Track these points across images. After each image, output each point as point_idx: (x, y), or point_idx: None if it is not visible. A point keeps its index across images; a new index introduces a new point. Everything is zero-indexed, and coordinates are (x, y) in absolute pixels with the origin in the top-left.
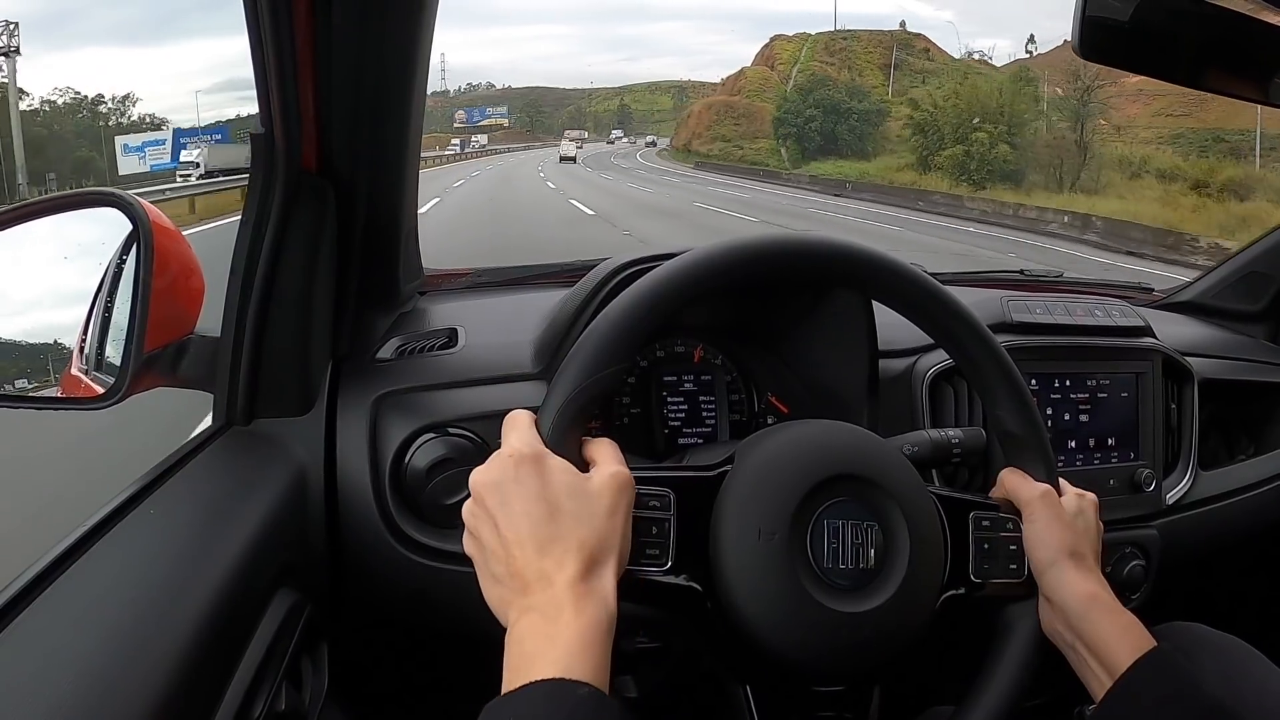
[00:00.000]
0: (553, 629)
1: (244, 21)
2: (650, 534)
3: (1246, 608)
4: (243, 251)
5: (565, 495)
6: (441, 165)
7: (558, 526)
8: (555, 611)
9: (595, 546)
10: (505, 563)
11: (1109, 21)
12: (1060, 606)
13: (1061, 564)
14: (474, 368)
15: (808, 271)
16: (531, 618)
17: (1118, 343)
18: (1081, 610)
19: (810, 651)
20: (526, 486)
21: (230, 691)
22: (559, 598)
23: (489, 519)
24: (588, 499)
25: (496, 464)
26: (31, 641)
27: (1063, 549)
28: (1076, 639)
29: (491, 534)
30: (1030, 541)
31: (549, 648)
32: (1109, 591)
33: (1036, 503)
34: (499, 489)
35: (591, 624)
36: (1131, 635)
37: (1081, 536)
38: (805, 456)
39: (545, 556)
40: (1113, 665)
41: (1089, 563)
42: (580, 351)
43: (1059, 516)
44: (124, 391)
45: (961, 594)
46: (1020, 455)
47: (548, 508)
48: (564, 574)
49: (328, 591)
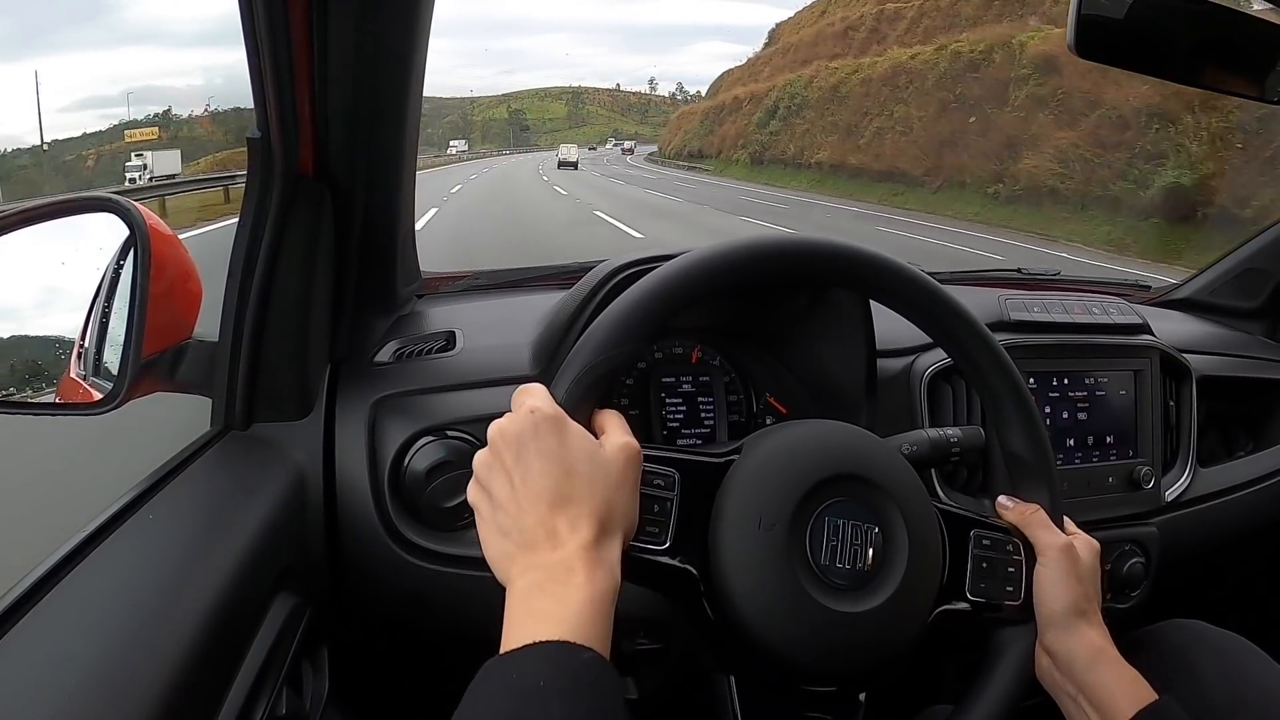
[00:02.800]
0: (562, 590)
1: (239, 27)
2: (652, 511)
3: (1246, 604)
4: (240, 256)
5: (582, 459)
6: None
7: (573, 488)
8: (565, 573)
9: (606, 514)
10: (515, 517)
11: (1104, 20)
12: (1066, 660)
13: (1072, 620)
14: (472, 370)
15: (806, 271)
16: (537, 575)
17: (1116, 340)
18: (1087, 663)
19: (801, 647)
20: (545, 444)
21: (231, 696)
22: (570, 560)
23: (504, 471)
24: (602, 465)
25: (517, 418)
26: (33, 647)
27: (1074, 606)
28: (1079, 691)
29: (504, 486)
30: (1043, 591)
31: (557, 608)
32: (1112, 645)
33: (1056, 553)
34: (518, 442)
35: (601, 592)
36: (1134, 688)
37: (1091, 591)
38: (810, 453)
39: (558, 516)
40: (1113, 717)
41: (1095, 616)
42: (597, 331)
43: (1074, 571)
44: (122, 397)
45: (957, 610)
46: (1025, 480)
47: (564, 468)
48: (577, 537)
49: (328, 595)
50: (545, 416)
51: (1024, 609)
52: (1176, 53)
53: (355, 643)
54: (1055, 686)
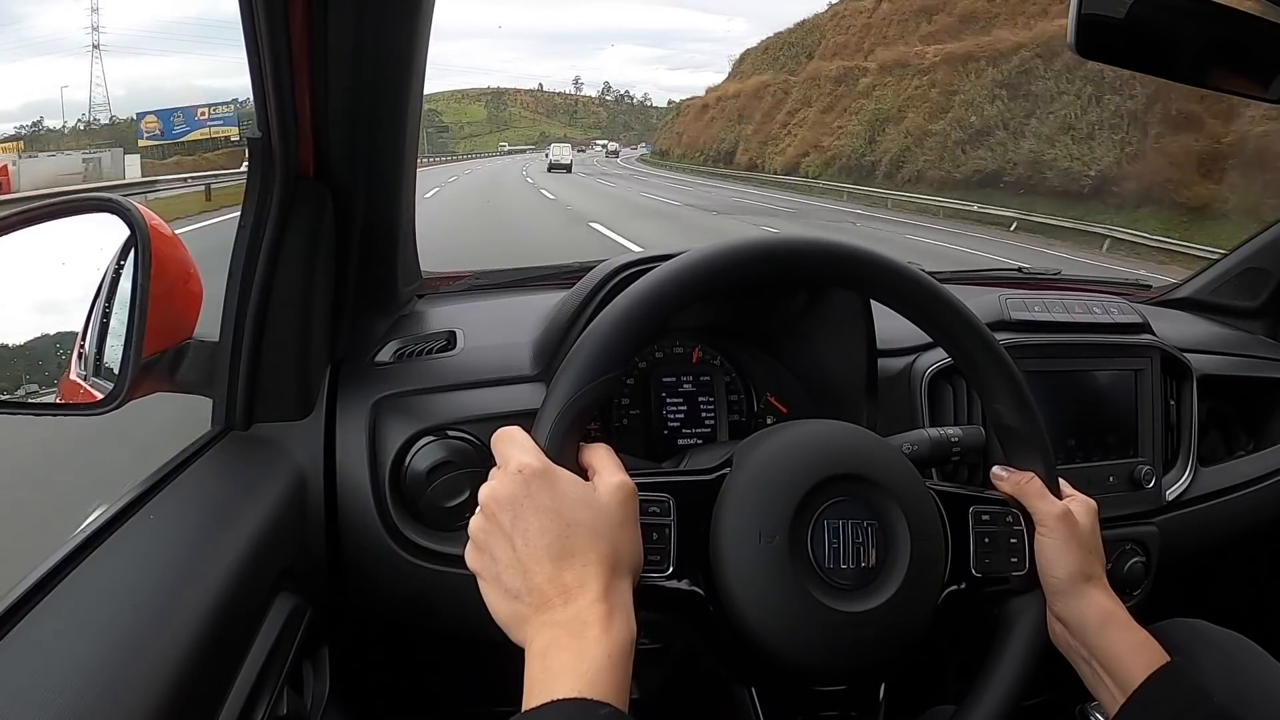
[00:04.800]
0: (579, 645)
1: (240, 27)
2: (651, 540)
3: (1247, 603)
4: (240, 256)
5: (579, 508)
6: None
7: (575, 540)
8: (580, 628)
9: (613, 559)
10: (523, 578)
11: (1105, 20)
12: (1077, 625)
13: (1079, 585)
14: (473, 370)
15: (806, 271)
16: (554, 633)
17: (1116, 340)
18: (1097, 627)
19: (813, 652)
20: (540, 500)
21: (231, 696)
22: (584, 615)
23: (503, 534)
24: (600, 510)
25: (506, 479)
26: (33, 648)
27: (1079, 571)
28: (1091, 655)
29: (506, 549)
30: (1046, 559)
31: (576, 663)
32: (1122, 607)
33: (1054, 520)
34: (512, 504)
35: (619, 643)
36: (1146, 651)
37: (1093, 555)
38: (804, 457)
39: (565, 571)
40: (1126, 680)
41: (1101, 579)
42: (575, 358)
43: (1075, 537)
44: (123, 397)
45: (963, 589)
46: (1018, 450)
47: (564, 522)
48: (588, 590)
49: (328, 595)
50: (535, 472)
51: (1030, 577)
52: (1177, 53)
53: (356, 643)
54: (1070, 650)
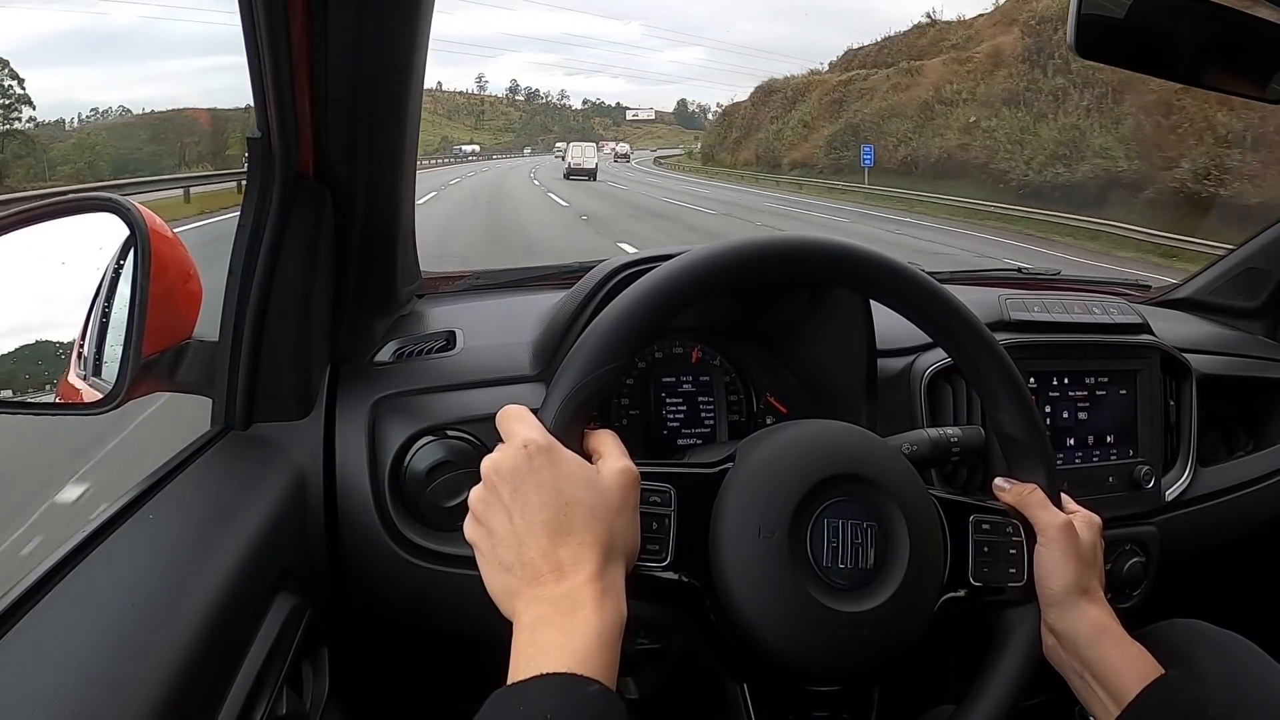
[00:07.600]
0: (569, 623)
1: (239, 26)
2: (650, 529)
3: (1246, 603)
4: (240, 256)
5: (580, 487)
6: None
7: (573, 518)
8: (572, 606)
9: (609, 542)
10: (517, 551)
11: (1105, 20)
12: (1070, 638)
13: (1074, 598)
14: (473, 370)
15: (806, 271)
16: (543, 609)
17: (1116, 340)
18: (1091, 640)
19: (808, 650)
20: (542, 476)
21: (231, 696)
22: (576, 592)
23: (502, 506)
24: (601, 492)
25: (510, 452)
26: (32, 648)
27: (1076, 584)
28: (1084, 668)
29: (504, 521)
30: (1044, 570)
31: (565, 640)
32: (1116, 621)
33: (1055, 532)
34: (514, 476)
35: (609, 623)
36: (1140, 663)
37: (1091, 569)
38: (806, 455)
39: (560, 547)
40: (1120, 693)
41: (1098, 593)
42: (583, 347)
43: (1075, 549)
44: (122, 397)
45: (961, 596)
46: (1021, 461)
47: (563, 499)
48: (582, 569)
49: (328, 595)
50: (539, 448)
51: (1027, 590)
52: (1177, 53)
53: (355, 643)
54: (1062, 664)
